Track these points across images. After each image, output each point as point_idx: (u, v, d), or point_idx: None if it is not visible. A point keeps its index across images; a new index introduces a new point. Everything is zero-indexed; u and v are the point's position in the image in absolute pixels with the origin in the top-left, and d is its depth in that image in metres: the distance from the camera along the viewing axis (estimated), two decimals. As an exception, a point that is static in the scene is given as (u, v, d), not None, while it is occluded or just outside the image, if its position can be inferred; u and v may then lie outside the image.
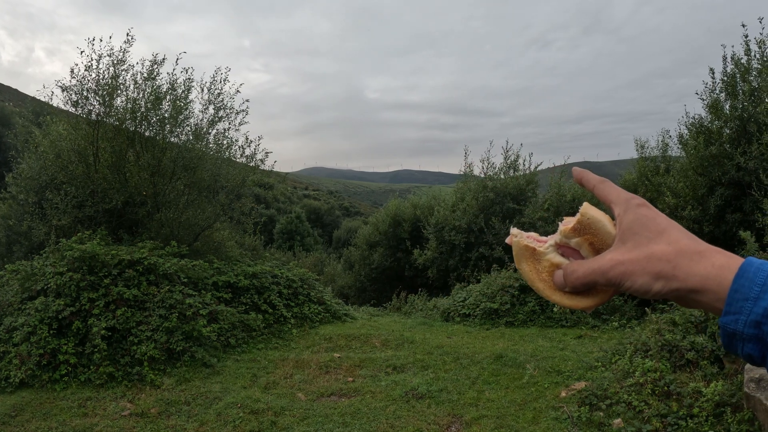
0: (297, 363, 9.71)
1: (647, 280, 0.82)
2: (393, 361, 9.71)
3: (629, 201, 0.90)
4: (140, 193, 12.42)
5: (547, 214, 18.81)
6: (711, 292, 0.78)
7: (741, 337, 0.76)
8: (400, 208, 25.86)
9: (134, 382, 8.52)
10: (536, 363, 9.36)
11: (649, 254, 0.83)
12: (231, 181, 13.99)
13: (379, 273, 25.33)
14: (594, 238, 0.94)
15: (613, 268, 0.86)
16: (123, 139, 12.51)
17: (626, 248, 0.86)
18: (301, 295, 12.86)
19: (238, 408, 7.61)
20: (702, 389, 6.73)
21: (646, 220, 0.86)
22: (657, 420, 6.49)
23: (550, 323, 12.69)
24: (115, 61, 12.48)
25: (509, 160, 20.99)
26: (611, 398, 7.20)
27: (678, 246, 0.82)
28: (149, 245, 10.95)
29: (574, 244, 0.97)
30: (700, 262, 0.80)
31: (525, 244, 1.01)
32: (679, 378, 7.24)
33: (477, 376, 8.94)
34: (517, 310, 13.18)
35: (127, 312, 9.27)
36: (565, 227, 0.98)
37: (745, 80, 13.17)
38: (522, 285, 13.59)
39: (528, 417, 7.27)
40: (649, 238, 0.84)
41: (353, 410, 7.58)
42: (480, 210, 19.63)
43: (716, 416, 6.34)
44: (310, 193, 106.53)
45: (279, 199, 78.63)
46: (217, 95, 13.56)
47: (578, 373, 8.72)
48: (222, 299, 11.12)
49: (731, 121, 13.14)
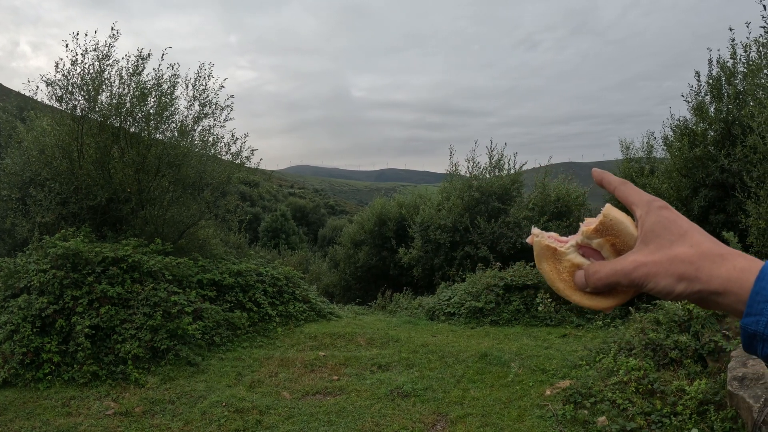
0: (282, 361, 9.69)
1: (670, 281, 0.83)
2: (378, 360, 9.72)
3: (651, 203, 0.91)
4: (125, 189, 12.34)
5: (531, 214, 18.89)
6: (732, 294, 0.79)
7: (761, 338, 0.76)
8: (385, 206, 25.89)
9: (118, 381, 8.46)
10: (521, 361, 9.40)
11: (672, 256, 0.84)
12: (216, 179, 13.92)
13: (364, 271, 25.34)
14: (616, 240, 0.95)
15: (636, 270, 0.86)
16: (108, 135, 12.42)
17: (649, 250, 0.87)
18: (286, 293, 12.83)
19: (223, 407, 7.59)
20: (685, 387, 6.79)
21: (668, 222, 0.87)
22: (641, 418, 6.54)
23: (534, 322, 12.75)
24: (100, 56, 12.38)
25: (494, 160, 21.08)
26: (596, 396, 7.25)
27: (700, 249, 0.83)
28: (133, 242, 10.89)
29: (595, 245, 0.97)
30: (722, 265, 0.81)
31: (546, 244, 1.01)
32: (663, 376, 7.30)
33: (462, 375, 8.96)
34: (502, 309, 13.23)
35: (111, 310, 9.20)
36: (587, 228, 0.98)
37: (730, 83, 13.31)
38: (507, 284, 13.65)
39: (513, 415, 7.30)
40: (672, 240, 0.85)
41: (338, 409, 7.58)
42: (465, 209, 19.70)
43: (700, 414, 6.40)
44: (295, 191, 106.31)
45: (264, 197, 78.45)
46: (202, 91, 13.47)
47: (563, 372, 8.76)
48: (207, 297, 11.07)
49: (716, 124, 13.27)
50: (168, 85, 13.09)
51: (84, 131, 12.29)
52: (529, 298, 13.46)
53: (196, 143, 13.69)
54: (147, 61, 12.96)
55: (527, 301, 13.40)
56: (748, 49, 12.04)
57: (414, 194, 26.29)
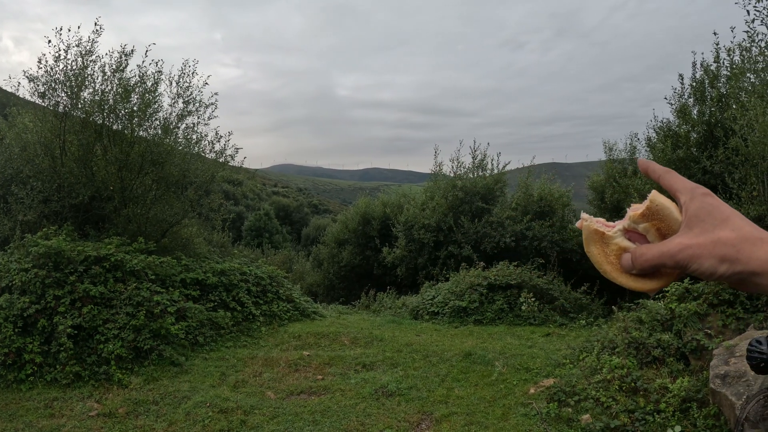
0: (266, 361, 9.67)
1: (713, 263, 0.88)
2: (362, 359, 9.72)
3: (695, 190, 0.95)
4: (107, 187, 12.23)
5: (515, 213, 18.96)
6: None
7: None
8: (369, 206, 25.86)
9: (101, 382, 8.40)
10: (505, 360, 9.44)
11: (715, 239, 0.88)
12: (200, 177, 13.82)
13: (348, 271, 25.31)
14: (661, 224, 0.99)
15: (681, 252, 0.91)
16: (90, 133, 12.29)
17: (693, 233, 0.91)
18: (269, 292, 12.81)
19: (207, 407, 7.56)
20: (668, 385, 6.86)
21: (712, 208, 0.92)
22: (624, 415, 6.60)
23: (518, 321, 12.81)
24: (83, 51, 12.26)
25: (477, 160, 21.13)
26: (579, 394, 7.30)
27: (741, 232, 0.87)
28: (116, 241, 10.81)
29: (641, 229, 1.01)
30: (761, 247, 0.85)
31: (595, 228, 1.04)
32: (646, 374, 7.37)
33: (446, 374, 8.99)
34: (486, 309, 13.28)
35: (94, 310, 9.13)
36: (634, 213, 1.02)
37: (713, 86, 13.47)
38: (490, 284, 13.70)
39: (497, 413, 7.34)
40: (715, 224, 0.90)
41: (323, 408, 7.58)
42: (449, 209, 19.73)
43: (683, 411, 6.48)
44: (279, 190, 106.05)
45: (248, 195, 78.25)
46: (186, 88, 13.37)
47: (546, 370, 8.81)
48: (190, 297, 11.01)
49: (698, 126, 13.41)
50: (151, 82, 12.98)
51: (66, 128, 12.18)
52: (512, 297, 13.52)
53: (179, 141, 13.60)
54: (130, 57, 12.84)
55: (511, 301, 13.46)
56: (732, 53, 12.18)
57: (398, 194, 26.28)
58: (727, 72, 12.76)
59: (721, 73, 13.28)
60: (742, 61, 10.23)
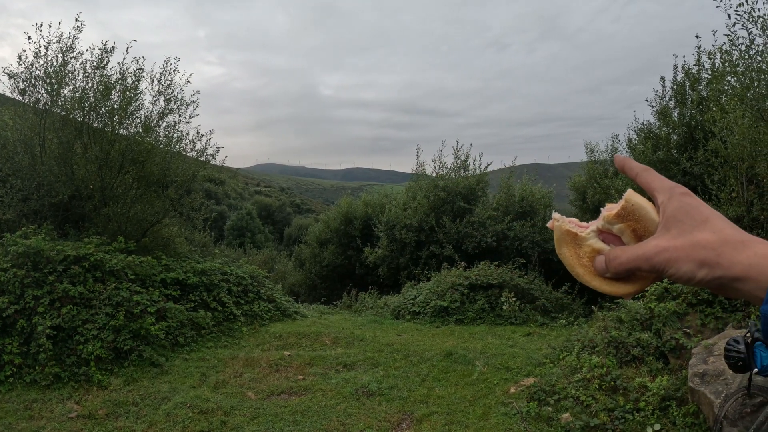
0: (247, 361, 9.64)
1: (692, 267, 0.83)
2: (343, 359, 9.72)
3: (673, 189, 0.91)
4: (87, 186, 12.12)
5: (496, 213, 19.03)
6: (753, 280, 0.78)
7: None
8: (351, 206, 25.87)
9: (81, 383, 8.33)
10: (486, 360, 9.48)
11: (693, 242, 0.83)
12: (181, 176, 13.74)
13: (330, 271, 25.31)
14: (637, 225, 0.94)
15: (657, 255, 0.86)
16: (70, 130, 12.17)
17: (671, 235, 0.86)
18: (251, 292, 12.77)
19: (187, 408, 7.53)
20: (648, 384, 6.92)
21: (690, 208, 0.87)
22: (604, 414, 6.65)
23: (499, 321, 12.86)
24: (64, 48, 12.15)
25: (460, 160, 21.20)
26: (559, 393, 7.35)
27: (722, 235, 0.83)
28: (95, 241, 10.72)
29: (616, 230, 0.96)
30: (743, 251, 0.80)
31: (567, 228, 1.00)
32: (626, 373, 7.43)
33: (427, 374, 9.01)
34: (467, 308, 13.32)
35: (73, 310, 9.05)
36: (608, 213, 0.97)
37: (694, 89, 13.62)
38: (471, 283, 13.74)
39: (478, 413, 7.37)
40: (694, 226, 0.85)
41: (304, 408, 7.57)
42: (431, 209, 19.78)
43: (662, 410, 6.54)
44: (261, 189, 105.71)
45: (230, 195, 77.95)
46: (168, 86, 13.27)
47: (527, 370, 8.86)
48: (170, 297, 10.95)
49: (679, 128, 13.57)
50: (132, 80, 12.88)
51: (46, 126, 12.06)
52: (493, 297, 13.57)
53: (160, 139, 13.51)
54: (111, 54, 12.74)
55: (492, 300, 13.51)
56: (713, 56, 12.30)
57: (380, 193, 26.31)
58: (708, 75, 12.90)
59: (702, 76, 13.44)
60: (723, 64, 10.31)
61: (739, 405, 5.40)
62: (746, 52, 9.24)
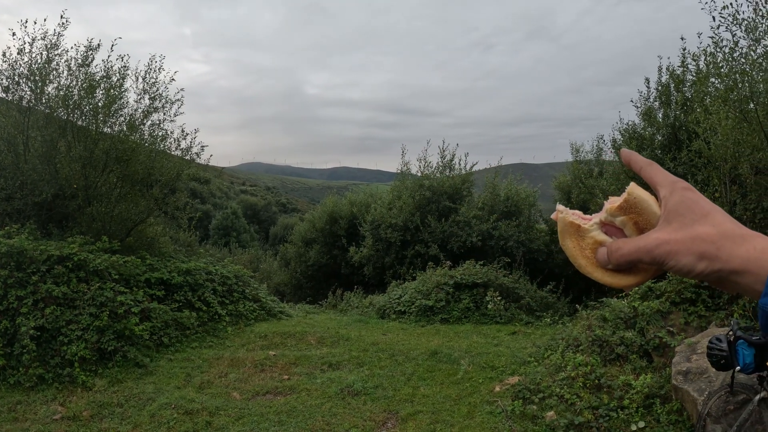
0: (232, 361, 9.61)
1: (691, 260, 0.83)
2: (328, 359, 9.72)
3: (675, 183, 0.91)
4: (71, 185, 12.03)
5: (481, 213, 19.08)
6: (751, 273, 0.79)
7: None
8: (337, 205, 25.86)
9: (65, 384, 8.27)
10: (471, 359, 9.51)
11: (694, 235, 0.84)
12: (165, 175, 13.67)
13: (316, 270, 25.28)
14: (639, 218, 0.95)
15: (658, 247, 0.87)
16: (54, 129, 12.08)
17: (671, 228, 0.87)
18: (236, 292, 12.74)
19: (172, 409, 7.50)
20: (632, 382, 6.97)
21: (691, 202, 0.88)
22: (588, 412, 6.69)
23: (484, 320, 12.90)
24: (49, 45, 12.07)
25: (445, 160, 21.25)
26: (544, 392, 7.38)
27: (722, 228, 0.83)
28: (79, 240, 10.63)
29: (618, 222, 0.97)
30: (742, 245, 0.81)
31: (570, 220, 1.00)
32: (610, 371, 7.47)
33: (412, 373, 9.02)
34: (452, 307, 13.35)
35: (57, 310, 8.98)
36: (611, 205, 0.97)
37: (679, 90, 13.72)
38: (457, 282, 13.77)
39: (463, 411, 7.39)
40: (694, 219, 0.86)
41: (289, 408, 7.56)
42: (416, 208, 19.81)
43: (646, 407, 6.59)
44: (247, 188, 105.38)
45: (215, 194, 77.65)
46: (152, 84, 13.19)
47: (512, 368, 8.90)
48: (155, 297, 10.90)
49: (663, 129, 13.66)
50: (117, 77, 12.81)
51: (30, 124, 11.98)
52: (478, 296, 13.61)
53: (145, 138, 13.43)
54: (96, 51, 12.67)
55: (477, 299, 13.55)
56: (697, 58, 12.40)
57: (366, 193, 26.32)
58: (693, 77, 12.98)
59: (687, 77, 13.53)
60: (707, 66, 10.38)
61: (722, 402, 5.45)
62: (730, 54, 9.31)
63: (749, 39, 9.07)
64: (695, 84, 12.45)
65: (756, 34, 8.99)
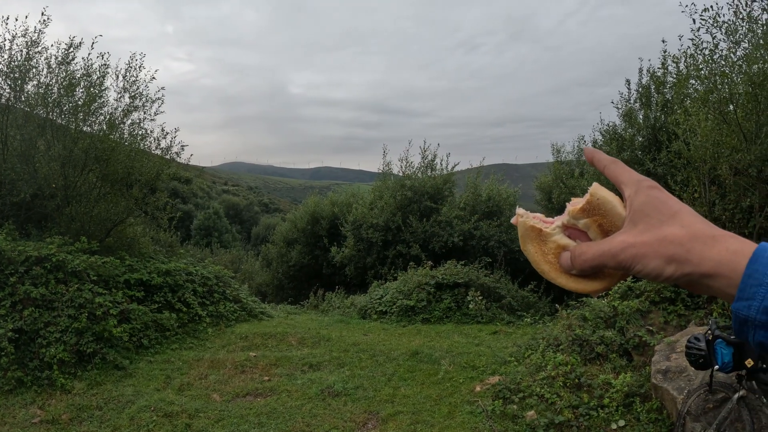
0: (212, 363, 9.57)
1: (659, 263, 0.80)
2: (309, 360, 9.70)
3: (640, 182, 0.88)
4: (50, 185, 11.91)
5: (463, 213, 19.13)
6: (724, 277, 0.76)
7: (753, 323, 0.74)
8: (318, 205, 25.83)
9: (44, 387, 8.17)
10: (451, 359, 9.53)
11: (661, 237, 0.81)
12: (145, 174, 13.57)
13: (297, 270, 25.24)
14: (603, 220, 0.91)
15: (624, 251, 0.83)
16: (33, 127, 11.97)
17: (638, 230, 0.83)
18: (216, 293, 12.68)
19: (152, 411, 7.45)
20: (612, 381, 7.02)
21: (658, 202, 0.84)
22: (569, 411, 6.73)
23: (466, 320, 12.93)
24: (29, 42, 11.96)
25: (427, 160, 21.28)
26: (524, 391, 7.42)
27: (692, 230, 0.80)
28: (58, 241, 10.52)
29: (582, 225, 0.93)
30: (713, 247, 0.77)
31: (531, 224, 0.97)
32: (590, 371, 7.52)
33: (393, 373, 9.03)
34: (434, 307, 13.37)
35: (35, 312, 8.88)
36: (573, 207, 0.94)
37: (659, 92, 13.85)
38: (438, 282, 13.80)
39: (443, 412, 7.40)
40: (662, 220, 0.82)
41: (269, 410, 7.54)
42: (398, 208, 19.83)
43: (626, 406, 6.64)
44: (229, 188, 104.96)
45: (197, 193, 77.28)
46: (133, 83, 13.09)
47: (492, 368, 8.93)
48: (134, 298, 10.81)
49: (644, 130, 13.79)
50: (97, 76, 12.70)
51: (9, 122, 11.85)
52: (460, 296, 13.64)
53: (125, 137, 13.33)
54: (78, 49, 12.57)
55: (458, 299, 13.58)
56: (678, 60, 12.52)
57: (347, 193, 26.33)
58: (673, 78, 13.11)
59: (667, 79, 13.67)
60: (687, 68, 10.46)
61: (702, 401, 5.50)
62: (710, 56, 9.40)
63: (729, 41, 9.17)
64: (675, 85, 12.57)
65: (736, 36, 9.09)
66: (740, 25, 9.06)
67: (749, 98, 8.91)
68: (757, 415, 4.89)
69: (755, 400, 4.90)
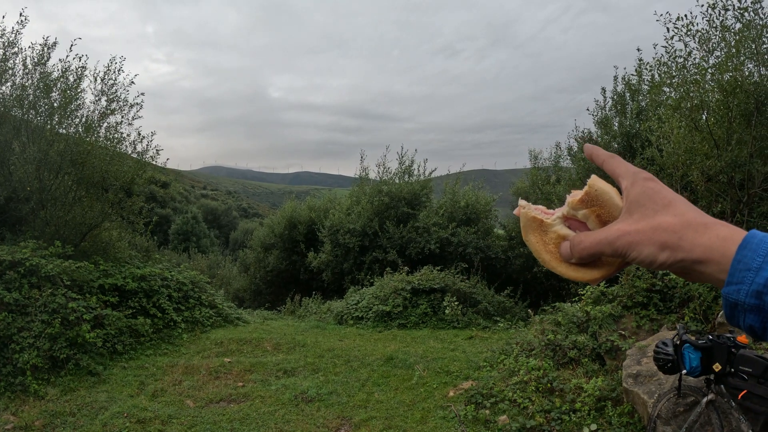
0: (186, 369, 9.54)
1: (653, 250, 0.83)
2: (284, 365, 9.71)
3: (637, 174, 0.91)
4: (25, 188, 11.82)
5: (441, 220, 19.19)
6: (715, 262, 0.79)
7: (743, 307, 0.77)
8: (296, 210, 25.79)
9: (17, 393, 8.12)
10: (426, 364, 9.57)
11: (655, 225, 0.84)
12: (121, 178, 13.50)
13: (275, 276, 25.18)
14: (601, 210, 0.94)
15: (619, 239, 0.86)
16: (8, 129, 11.87)
17: (633, 219, 0.87)
18: (192, 298, 12.63)
19: (125, 417, 7.42)
20: (584, 385, 7.09)
21: (653, 192, 0.87)
22: (541, 415, 6.79)
23: (442, 325, 12.98)
24: (6, 43, 11.91)
25: (404, 166, 21.34)
26: (496, 396, 7.48)
27: (684, 218, 0.83)
28: (32, 245, 10.45)
29: (581, 216, 0.97)
30: (704, 234, 0.81)
31: (532, 215, 1.00)
32: (562, 375, 7.60)
33: (367, 378, 9.06)
34: (410, 313, 13.41)
35: (8, 317, 8.81)
36: (572, 199, 0.97)
37: (634, 99, 14.04)
38: (414, 288, 13.85)
39: (416, 417, 7.44)
40: (656, 210, 0.85)
41: (242, 416, 7.54)
42: (375, 214, 19.86)
43: (598, 410, 6.72)
44: (208, 192, 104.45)
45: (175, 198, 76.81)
46: (111, 86, 13.03)
47: (466, 373, 8.98)
48: (109, 303, 10.77)
49: (619, 137, 13.93)
50: (74, 78, 12.62)
51: (-17, 124, 11.78)
52: (436, 301, 13.69)
53: (101, 140, 13.23)
54: (53, 50, 12.50)
55: (434, 304, 13.63)
56: (652, 68, 12.70)
57: (325, 198, 26.31)
58: (647, 86, 13.28)
59: (642, 87, 13.85)
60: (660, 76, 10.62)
61: (672, 404, 5.57)
62: (683, 64, 9.55)
63: (702, 50, 9.32)
64: (649, 93, 12.75)
65: (709, 45, 9.24)
66: (713, 33, 9.21)
67: (720, 106, 9.07)
68: (726, 418, 4.97)
69: (724, 403, 4.97)
